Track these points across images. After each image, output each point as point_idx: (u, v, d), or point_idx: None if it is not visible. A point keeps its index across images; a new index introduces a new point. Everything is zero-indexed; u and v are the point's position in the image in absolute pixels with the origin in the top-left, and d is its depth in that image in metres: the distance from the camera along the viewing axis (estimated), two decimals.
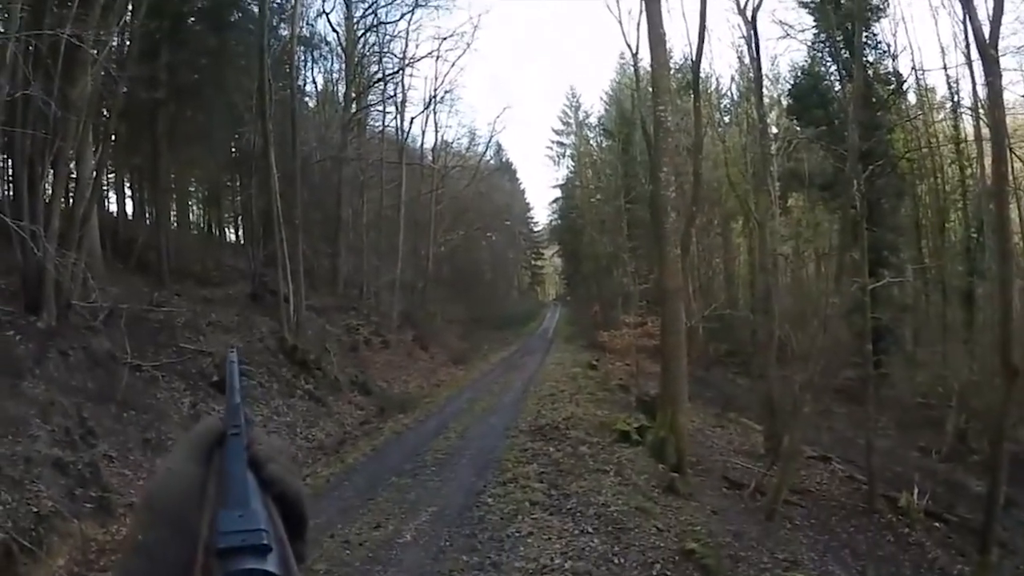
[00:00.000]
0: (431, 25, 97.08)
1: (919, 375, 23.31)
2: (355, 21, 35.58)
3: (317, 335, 23.30)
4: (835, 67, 27.50)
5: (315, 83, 41.64)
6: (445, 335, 40.10)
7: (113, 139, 21.95)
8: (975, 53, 17.69)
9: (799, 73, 30.35)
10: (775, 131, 29.99)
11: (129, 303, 15.89)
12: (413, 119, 41.19)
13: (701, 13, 18.73)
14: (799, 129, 28.02)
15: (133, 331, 15.01)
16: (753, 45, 22.79)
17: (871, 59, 25.72)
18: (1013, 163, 16.05)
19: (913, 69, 26.46)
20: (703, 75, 24.38)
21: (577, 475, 13.22)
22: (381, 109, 40.08)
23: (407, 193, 37.89)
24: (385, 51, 37.95)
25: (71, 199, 17.06)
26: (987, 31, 13.65)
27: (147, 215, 28.53)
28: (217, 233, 39.91)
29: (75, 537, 8.79)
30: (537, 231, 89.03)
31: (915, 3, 66.49)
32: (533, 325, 62.16)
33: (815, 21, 27.10)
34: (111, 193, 30.07)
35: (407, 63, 37.66)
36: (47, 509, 8.75)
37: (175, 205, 30.11)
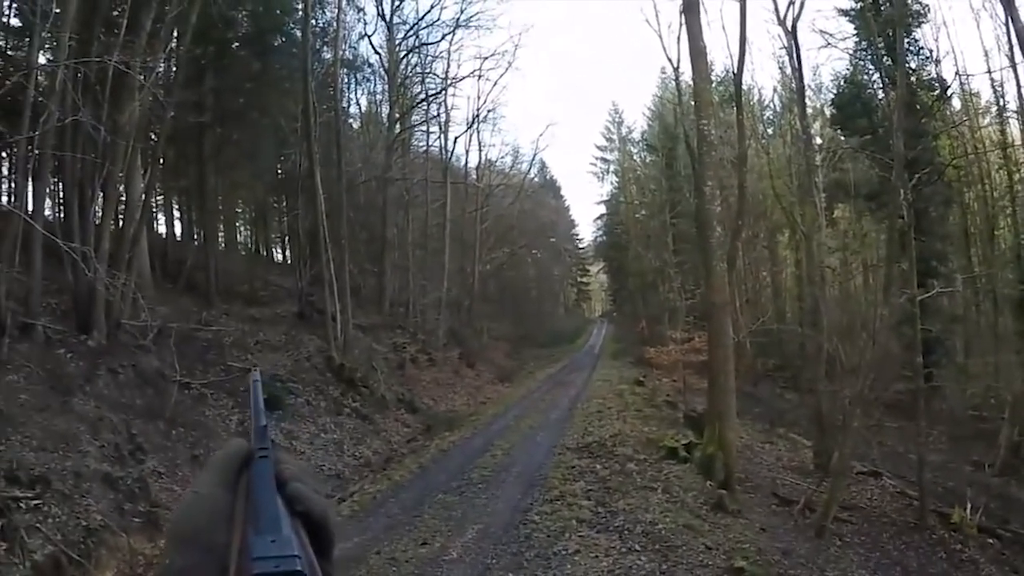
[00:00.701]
0: (472, 45, 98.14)
1: (971, 387, 22.68)
2: (397, 43, 36.02)
3: (364, 353, 23.43)
4: (878, 75, 26.99)
5: (359, 104, 42.26)
6: (491, 352, 40.17)
7: (161, 162, 22.47)
8: (1019, 55, 17.35)
9: (841, 82, 29.82)
10: (819, 141, 29.73)
11: (178, 322, 16.16)
12: (457, 138, 41.45)
13: (741, 25, 18.52)
14: (843, 139, 27.71)
15: (182, 350, 15.24)
16: (794, 55, 22.45)
17: (913, 65, 25.21)
18: None
19: (956, 74, 25.84)
20: (745, 87, 24.11)
21: (624, 492, 13.03)
22: (425, 129, 40.44)
23: (452, 212, 38.06)
24: (427, 72, 38.35)
25: (121, 221, 17.43)
26: None
27: (195, 236, 29.02)
28: (264, 253, 40.70)
29: (123, 551, 8.88)
30: (582, 248, 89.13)
31: (956, 7, 65.24)
32: (579, 342, 61.86)
33: (856, 29, 26.67)
34: (160, 215, 30.99)
35: (449, 83, 38.07)
36: (96, 523, 8.87)
37: (223, 226, 30.61)
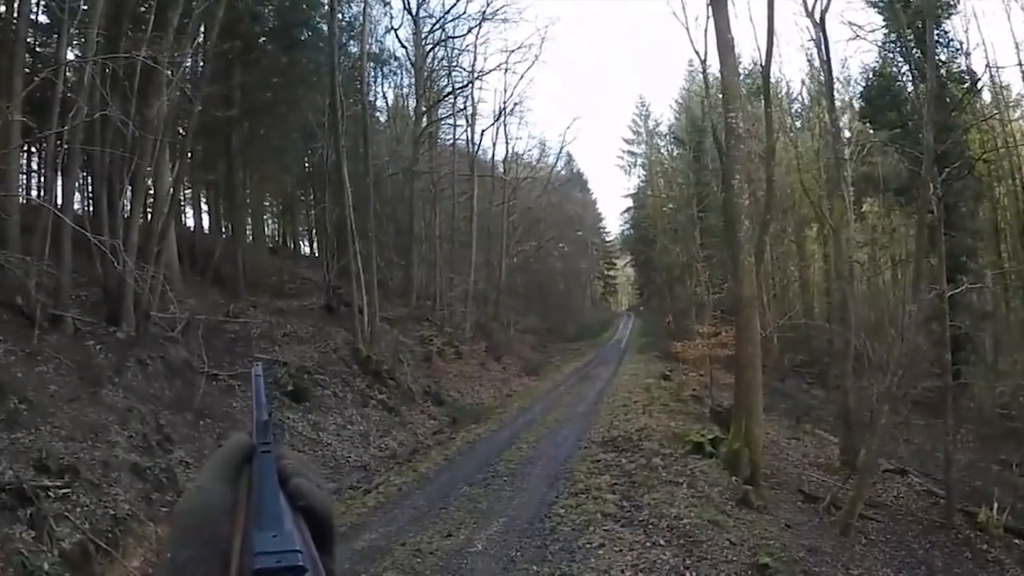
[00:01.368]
0: (499, 38, 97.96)
1: (1000, 385, 22.25)
2: (423, 36, 36.13)
3: (391, 346, 23.53)
4: (907, 67, 26.45)
5: (386, 98, 42.51)
6: (518, 346, 40.20)
7: (189, 156, 22.74)
8: None
9: (870, 75, 29.39)
10: (848, 135, 29.48)
11: (206, 314, 16.33)
12: (483, 131, 41.66)
13: (769, 17, 18.23)
14: (872, 132, 27.36)
15: (210, 341, 15.39)
16: (823, 47, 22.19)
17: (943, 58, 24.89)
18: None
19: (987, 66, 25.55)
20: (773, 80, 23.90)
21: (649, 487, 12.98)
22: (452, 122, 40.78)
23: (479, 205, 38.09)
24: (454, 65, 38.58)
25: (149, 214, 17.64)
26: None
27: (223, 229, 29.30)
28: (292, 246, 41.08)
29: (150, 540, 8.97)
30: (609, 241, 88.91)
31: None
32: (606, 335, 61.87)
33: (884, 21, 26.25)
34: (188, 208, 31.35)
35: (476, 76, 38.05)
36: (124, 512, 8.97)
37: (250, 219, 30.85)
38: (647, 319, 63.47)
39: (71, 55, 16.00)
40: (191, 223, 32.06)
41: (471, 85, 38.26)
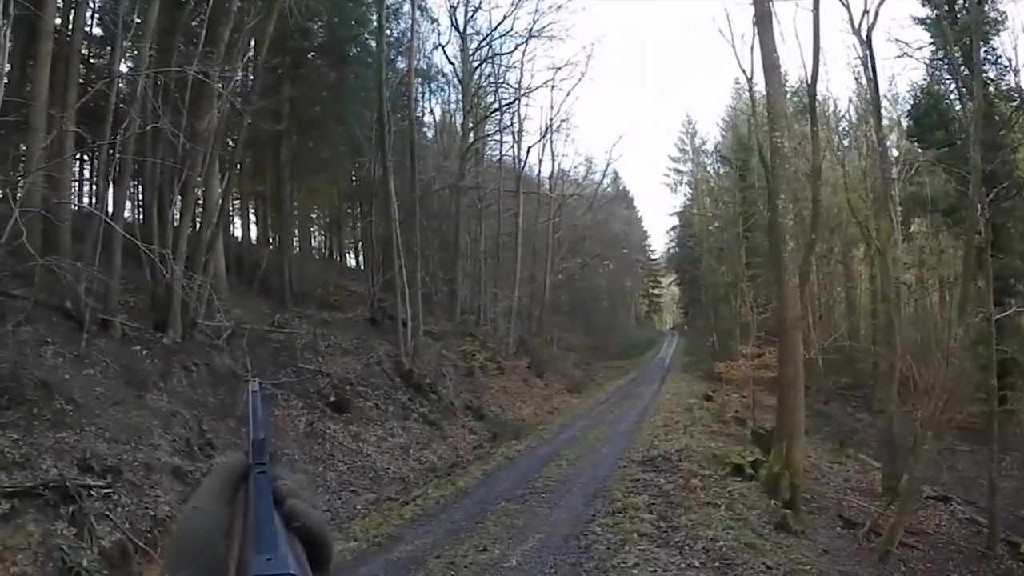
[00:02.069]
0: (545, 55, 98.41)
1: None
2: (470, 53, 36.37)
3: (433, 360, 23.59)
4: (955, 85, 25.99)
5: (433, 114, 42.93)
6: (561, 363, 40.07)
7: (239, 168, 23.08)
8: None
9: (918, 93, 29.06)
10: (895, 154, 29.02)
11: (251, 323, 16.60)
12: (530, 148, 41.76)
13: (815, 35, 18.05)
14: (920, 151, 26.94)
15: (254, 350, 15.64)
16: (869, 65, 21.97)
17: (991, 75, 24.31)
18: None
19: None
20: (819, 98, 23.68)
21: (687, 508, 12.80)
22: (498, 138, 40.98)
23: (524, 221, 38.20)
24: (501, 81, 38.78)
25: (198, 224, 17.94)
26: None
27: (271, 240, 29.74)
28: (338, 258, 41.49)
29: None
30: (655, 259, 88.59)
31: None
32: (650, 354, 61.31)
33: (932, 38, 25.90)
34: (236, 219, 31.69)
35: (523, 93, 38.19)
36: (164, 514, 9.08)
37: (297, 231, 31.23)
38: (691, 338, 63.07)
39: (124, 68, 16.41)
40: (239, 233, 32.58)
41: (518, 102, 38.56)
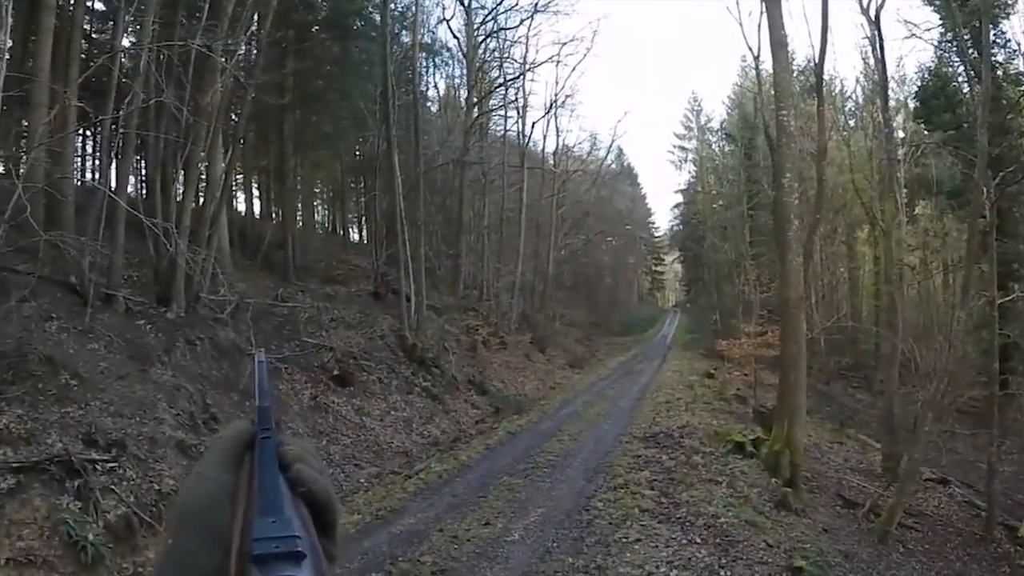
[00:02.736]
0: (551, 30, 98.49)
1: None
2: (475, 27, 36.11)
3: (436, 334, 23.62)
4: (963, 67, 25.69)
5: (437, 88, 42.80)
6: (563, 338, 40.23)
7: (242, 142, 23.07)
8: None
9: (926, 74, 28.77)
10: (902, 135, 28.85)
11: (255, 298, 16.65)
12: (534, 123, 41.48)
13: (823, 14, 17.75)
14: (926, 133, 26.74)
15: (258, 324, 15.71)
16: (877, 46, 21.66)
17: (1000, 59, 24.03)
18: None
19: None
20: (826, 77, 23.34)
21: (689, 484, 12.87)
22: (503, 113, 40.72)
23: (528, 197, 38.12)
24: (506, 56, 38.47)
25: (201, 199, 17.95)
26: None
27: (274, 214, 29.73)
28: (341, 232, 41.38)
29: None
30: (658, 236, 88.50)
31: None
32: (652, 331, 61.53)
33: (941, 19, 25.47)
34: (240, 193, 31.78)
35: (527, 68, 37.98)
36: (168, 487, 9.14)
37: (301, 205, 31.14)
38: (693, 316, 63.12)
39: (127, 42, 16.38)
40: (243, 208, 32.75)
41: (522, 77, 38.32)
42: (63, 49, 14.96)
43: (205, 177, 18.90)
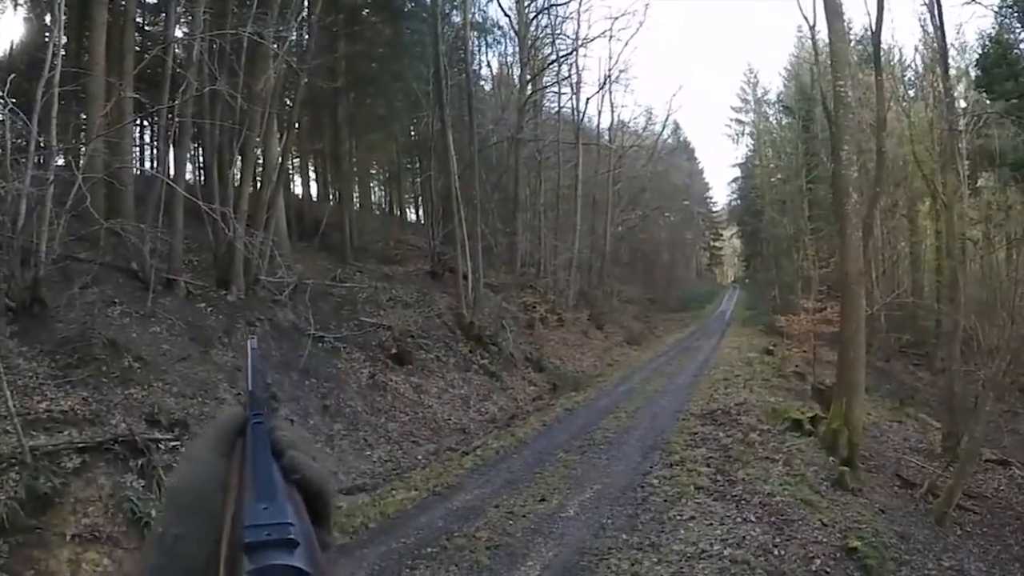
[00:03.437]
0: (602, 5, 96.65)
1: None
2: (526, 4, 35.90)
3: (493, 312, 23.72)
4: None
5: (490, 66, 42.61)
6: (620, 315, 39.98)
7: (297, 127, 23.36)
8: None
9: (986, 41, 27.60)
10: (963, 105, 27.80)
11: (313, 279, 16.88)
12: (588, 99, 41.09)
13: None
14: (989, 103, 25.81)
15: (316, 305, 15.93)
16: (936, 13, 21.00)
17: None
18: None
19: None
20: (884, 46, 22.79)
21: (745, 462, 12.76)
22: (556, 90, 40.19)
23: (584, 173, 37.76)
24: (558, 33, 38.11)
25: (258, 183, 18.24)
26: None
27: (330, 197, 30.17)
28: (398, 213, 41.71)
29: None
30: (716, 211, 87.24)
31: None
32: (710, 307, 60.79)
33: None
34: (296, 177, 32.19)
35: (580, 44, 37.62)
36: None
37: (357, 187, 31.52)
38: (752, 292, 62.09)
39: (179, 33, 16.67)
40: (299, 191, 33.05)
41: (575, 53, 37.86)
42: (117, 42, 15.34)
43: (261, 162, 19.18)
